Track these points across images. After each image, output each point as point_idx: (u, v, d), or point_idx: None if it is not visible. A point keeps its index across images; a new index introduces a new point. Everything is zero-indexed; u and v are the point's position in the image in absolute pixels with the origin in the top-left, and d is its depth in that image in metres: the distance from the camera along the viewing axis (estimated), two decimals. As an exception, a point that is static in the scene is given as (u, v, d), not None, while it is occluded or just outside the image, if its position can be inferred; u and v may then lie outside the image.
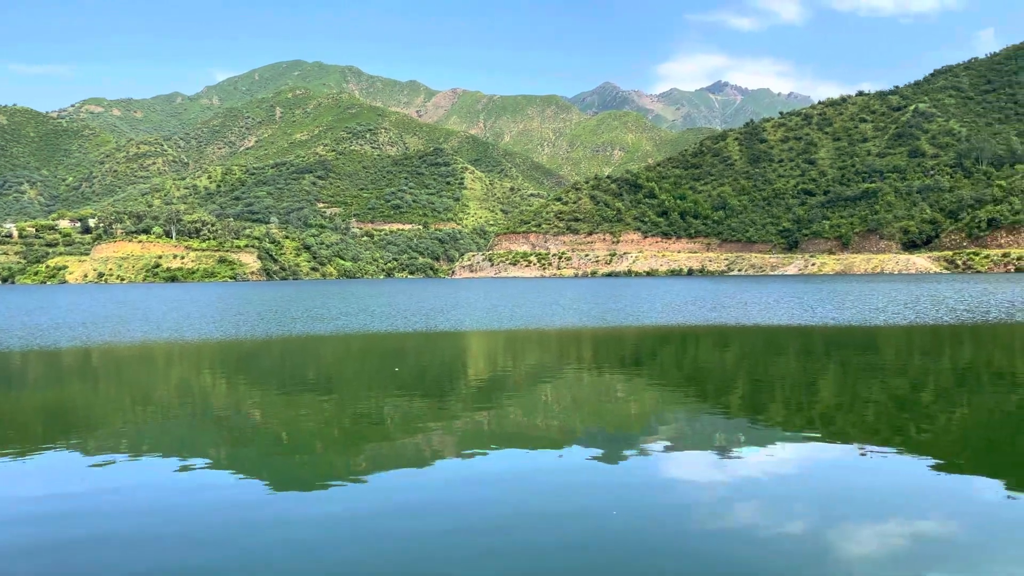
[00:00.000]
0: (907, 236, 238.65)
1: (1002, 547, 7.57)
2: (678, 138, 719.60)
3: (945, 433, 12.77)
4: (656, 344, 29.90)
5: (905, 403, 15.54)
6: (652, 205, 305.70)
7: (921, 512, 8.76)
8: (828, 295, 67.97)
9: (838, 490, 9.69)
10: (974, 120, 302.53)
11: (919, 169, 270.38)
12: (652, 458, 11.54)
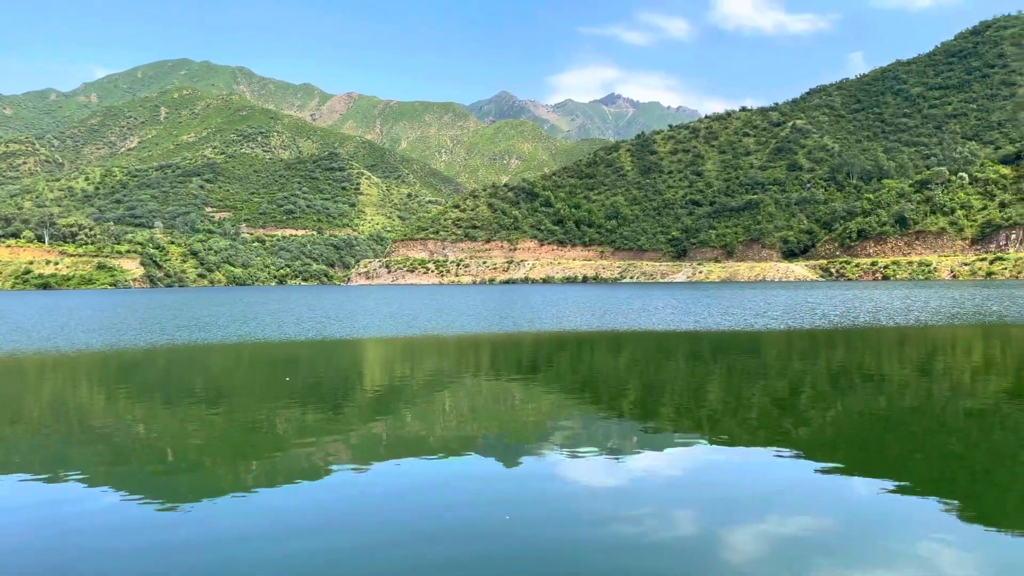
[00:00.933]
0: (787, 245, 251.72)
1: (874, 539, 8.06)
2: (573, 148, 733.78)
3: (821, 433, 13.50)
4: (553, 350, 30.32)
5: (785, 405, 16.35)
6: (548, 213, 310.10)
7: (801, 509, 9.23)
8: (714, 301, 70.84)
9: (725, 490, 10.10)
10: (846, 137, 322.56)
11: (797, 182, 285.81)
12: (547, 463, 11.68)
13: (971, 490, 9.89)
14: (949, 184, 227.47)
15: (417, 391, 19.06)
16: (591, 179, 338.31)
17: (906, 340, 31.68)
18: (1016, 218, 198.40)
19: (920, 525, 8.45)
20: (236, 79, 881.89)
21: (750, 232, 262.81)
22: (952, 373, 21.06)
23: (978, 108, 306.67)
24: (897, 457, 11.58)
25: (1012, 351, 27.12)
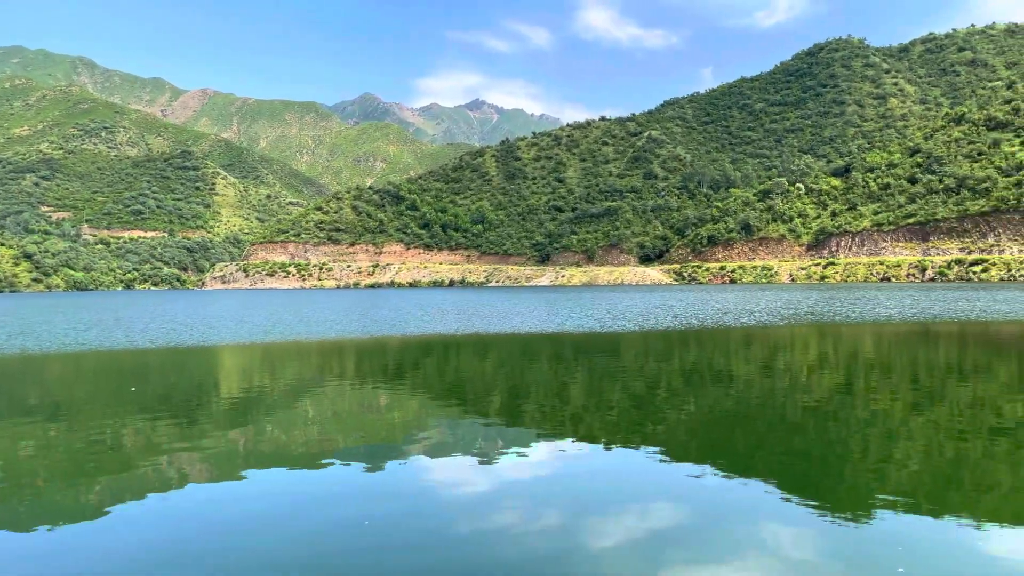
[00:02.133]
0: (643, 250, 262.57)
1: (723, 528, 8.54)
2: (439, 152, 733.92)
3: (676, 430, 14.16)
4: (419, 354, 30.16)
5: (643, 403, 17.04)
6: (414, 217, 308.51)
7: (658, 503, 9.64)
8: (576, 304, 72.87)
9: (587, 487, 10.40)
10: (697, 148, 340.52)
11: (652, 190, 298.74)
12: (412, 468, 11.61)
13: (809, 479, 10.67)
14: (788, 194, 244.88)
15: (277, 399, 18.42)
16: (457, 183, 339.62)
17: (751, 339, 33.79)
18: (845, 226, 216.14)
19: (764, 513, 9.03)
20: (77, 69, 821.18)
21: (609, 238, 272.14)
22: (791, 370, 22.66)
23: (813, 124, 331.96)
24: (744, 451, 12.33)
25: (842, 348, 29.53)
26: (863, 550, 7.77)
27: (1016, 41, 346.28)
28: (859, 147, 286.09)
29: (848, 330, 37.93)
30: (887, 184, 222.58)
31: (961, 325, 39.16)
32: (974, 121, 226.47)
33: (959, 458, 11.44)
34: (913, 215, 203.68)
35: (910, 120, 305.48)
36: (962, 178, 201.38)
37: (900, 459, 11.51)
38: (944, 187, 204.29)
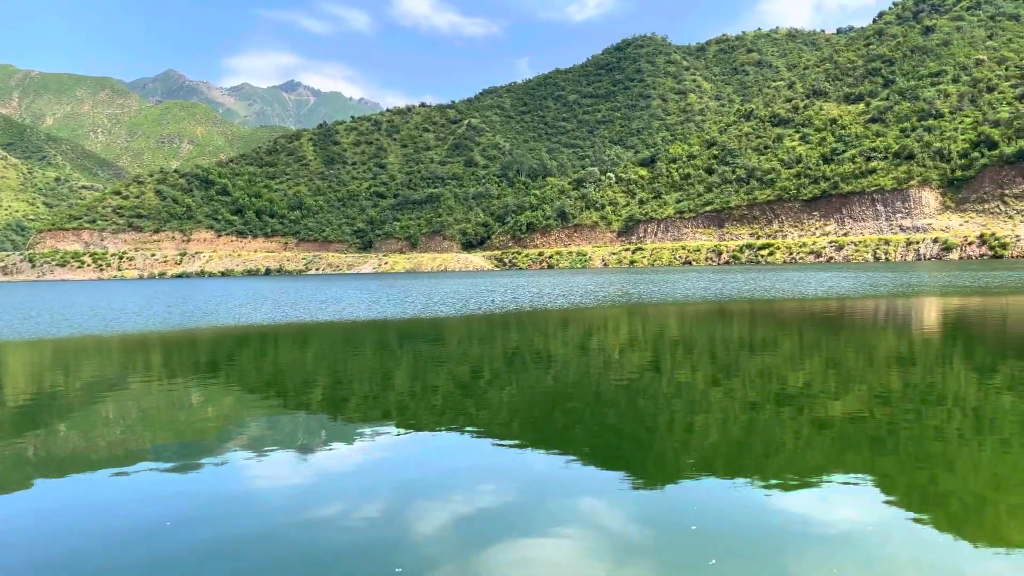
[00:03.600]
0: (465, 237, 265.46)
1: (546, 504, 8.89)
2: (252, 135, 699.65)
3: (499, 412, 14.52)
4: (234, 346, 28.75)
5: (467, 386, 17.31)
6: (226, 203, 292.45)
7: (483, 485, 9.85)
8: (400, 290, 72.50)
9: (413, 473, 10.43)
10: (515, 136, 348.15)
11: (473, 177, 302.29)
12: (226, 464, 11.09)
13: (621, 452, 11.34)
14: (600, 183, 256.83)
15: (73, 400, 16.88)
16: (272, 167, 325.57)
17: (567, 321, 35.25)
18: (652, 213, 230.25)
19: (581, 487, 9.50)
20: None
21: (432, 224, 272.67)
22: (604, 350, 23.90)
23: (622, 116, 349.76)
24: (563, 428, 12.88)
25: (650, 327, 31.53)
26: (665, 513, 8.40)
27: (796, 45, 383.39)
28: (663, 139, 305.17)
29: (654, 310, 40.53)
30: (688, 174, 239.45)
31: (751, 303, 43.02)
32: (761, 117, 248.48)
33: (751, 425, 12.61)
34: (710, 203, 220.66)
35: (707, 115, 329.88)
36: (751, 169, 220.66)
37: (701, 429, 12.51)
38: (736, 177, 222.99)
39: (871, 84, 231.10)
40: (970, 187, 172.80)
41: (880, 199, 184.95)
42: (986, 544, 7.09)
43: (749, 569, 6.81)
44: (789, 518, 8.23)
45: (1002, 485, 8.92)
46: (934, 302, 40.26)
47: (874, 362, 19.39)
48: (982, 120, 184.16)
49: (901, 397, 14.29)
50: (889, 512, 8.21)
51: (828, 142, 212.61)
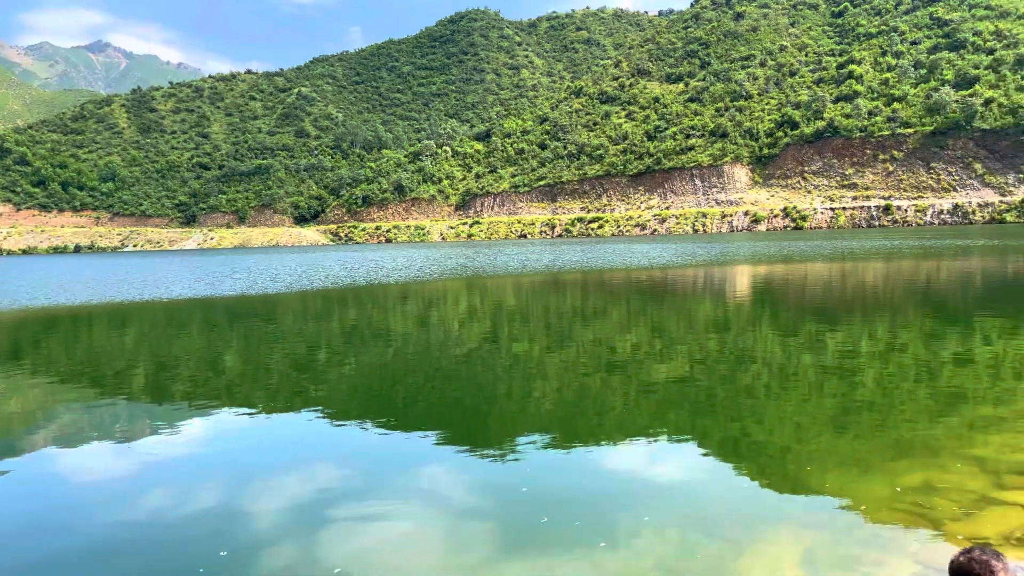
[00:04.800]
0: (298, 211, 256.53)
1: (387, 480, 8.89)
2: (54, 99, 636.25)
3: (337, 389, 14.28)
4: (39, 329, 26.28)
5: (303, 365, 16.86)
6: (25, 173, 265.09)
7: (322, 463, 9.67)
8: (228, 267, 69.01)
9: (247, 457, 10.06)
10: (348, 107, 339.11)
11: (305, 148, 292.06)
12: (38, 460, 10.20)
13: (463, 424, 11.52)
14: (437, 156, 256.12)
15: None
16: (80, 135, 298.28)
17: (407, 295, 35.11)
18: (488, 187, 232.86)
19: (424, 460, 9.57)
20: None
21: (262, 198, 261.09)
22: (444, 322, 24.06)
23: (457, 90, 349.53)
24: (404, 404, 12.88)
25: (488, 299, 32.06)
26: (501, 479, 8.65)
27: (621, 24, 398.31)
28: (498, 113, 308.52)
29: (492, 283, 41.20)
30: (522, 149, 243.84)
31: (583, 274, 44.76)
32: (590, 94, 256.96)
33: (583, 391, 13.19)
34: (544, 178, 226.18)
35: (539, 91, 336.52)
36: (582, 145, 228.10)
37: (537, 396, 12.94)
38: (568, 153, 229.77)
39: (689, 65, 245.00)
40: (775, 164, 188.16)
41: (698, 175, 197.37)
42: (789, 489, 7.88)
43: (578, 523, 7.17)
44: (618, 475, 8.73)
45: (803, 435, 9.92)
46: (745, 270, 43.67)
47: (694, 327, 20.81)
48: (785, 102, 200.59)
49: (717, 359, 15.46)
50: (707, 465, 8.92)
51: (652, 120, 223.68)
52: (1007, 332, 17.50)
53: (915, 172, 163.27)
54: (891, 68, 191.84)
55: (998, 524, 6.48)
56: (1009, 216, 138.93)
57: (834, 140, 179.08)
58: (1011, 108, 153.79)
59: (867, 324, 19.99)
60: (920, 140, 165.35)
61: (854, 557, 6.13)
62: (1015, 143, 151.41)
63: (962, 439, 9.03)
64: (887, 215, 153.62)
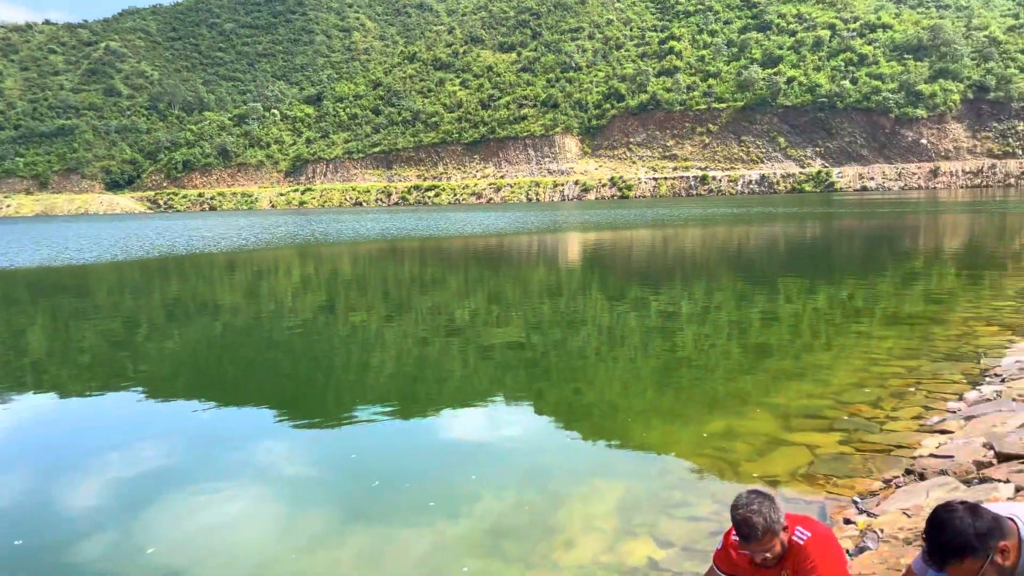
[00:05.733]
0: (110, 176, 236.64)
1: (217, 458, 8.52)
2: None
3: (160, 366, 13.44)
4: None
5: (122, 342, 15.71)
6: None
7: (145, 444, 9.11)
8: (29, 236, 62.62)
9: (58, 441, 9.30)
10: (165, 65, 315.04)
11: (116, 108, 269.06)
12: None
13: (299, 397, 11.23)
14: (264, 120, 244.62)
15: None
16: None
17: (234, 265, 33.49)
18: (320, 153, 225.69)
19: (258, 436, 9.24)
20: None
21: (67, 161, 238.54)
22: (276, 293, 23.22)
23: (284, 50, 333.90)
24: (234, 379, 12.36)
25: (323, 269, 31.23)
26: (335, 449, 8.54)
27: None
28: (329, 77, 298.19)
29: (327, 251, 40.16)
30: (355, 114, 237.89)
31: (421, 242, 44.62)
32: (424, 60, 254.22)
33: (422, 358, 13.24)
34: (378, 144, 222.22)
35: (372, 55, 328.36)
36: (417, 112, 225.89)
37: (376, 366, 12.84)
38: (403, 119, 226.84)
39: (521, 35, 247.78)
40: (603, 135, 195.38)
41: (531, 144, 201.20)
42: (613, 443, 8.34)
43: (408, 485, 7.26)
44: (452, 438, 8.88)
45: (629, 393, 10.51)
46: (576, 238, 45.27)
47: (529, 293, 21.38)
48: (612, 75, 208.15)
49: (551, 323, 15.99)
50: (540, 425, 9.25)
51: (486, 88, 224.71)
52: (805, 291, 19.33)
53: (728, 145, 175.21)
54: (707, 46, 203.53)
55: (785, 463, 7.17)
56: (807, 186, 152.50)
57: (657, 113, 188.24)
58: (809, 87, 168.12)
59: (686, 287, 21.39)
60: (732, 115, 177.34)
61: (662, 499, 6.62)
62: (813, 119, 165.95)
63: (763, 389, 9.92)
64: (704, 185, 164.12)
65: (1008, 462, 5.42)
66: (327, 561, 5.84)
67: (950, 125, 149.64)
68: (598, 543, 5.86)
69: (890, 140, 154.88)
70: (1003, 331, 12.35)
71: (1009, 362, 9.65)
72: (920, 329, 13.11)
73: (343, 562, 5.84)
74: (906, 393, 9.10)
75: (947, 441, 6.72)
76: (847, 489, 6.32)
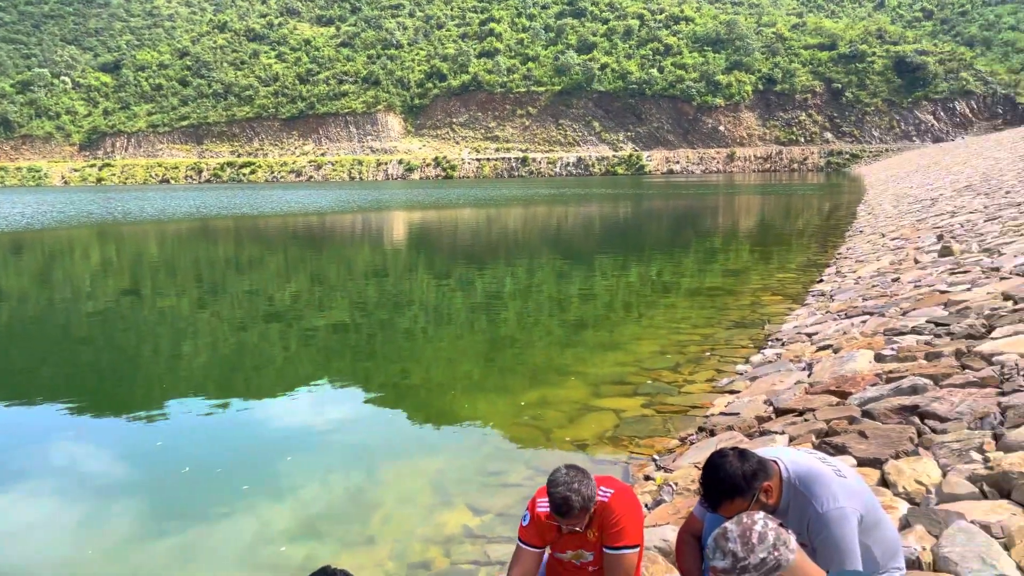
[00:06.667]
0: None
1: (5, 461, 7.81)
2: None
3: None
4: None
5: None
6: None
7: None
8: None
9: None
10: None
11: None
12: None
13: (103, 390, 10.48)
14: (53, 87, 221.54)
15: None
16: None
17: (20, 246, 30.31)
18: (120, 126, 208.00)
19: (53, 436, 8.54)
20: None
21: None
22: (73, 277, 21.34)
23: (76, 12, 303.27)
24: (25, 373, 11.30)
25: (126, 250, 28.96)
26: (140, 439, 8.09)
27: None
28: (128, 43, 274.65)
29: (130, 230, 37.30)
30: (160, 85, 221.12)
31: (236, 221, 42.49)
32: (236, 30, 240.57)
33: (241, 344, 12.75)
34: (187, 118, 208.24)
35: (177, 22, 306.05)
36: (229, 85, 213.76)
37: (189, 353, 12.20)
38: (214, 92, 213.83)
39: (340, 9, 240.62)
40: (426, 114, 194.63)
41: (353, 121, 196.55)
42: (440, 421, 8.50)
43: (223, 470, 7.11)
44: (273, 424, 8.67)
45: (455, 371, 10.72)
46: (401, 217, 45.02)
47: (353, 274, 21.10)
48: (434, 54, 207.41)
49: (377, 305, 15.91)
50: (366, 407, 9.25)
51: (303, 62, 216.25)
52: (619, 268, 20.50)
53: (547, 128, 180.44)
54: (525, 29, 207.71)
55: (594, 427, 7.66)
56: (620, 169, 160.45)
57: (478, 94, 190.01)
58: (621, 73, 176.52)
59: (510, 266, 21.99)
60: (550, 98, 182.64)
61: (478, 469, 6.89)
62: (624, 105, 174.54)
63: (578, 361, 10.49)
64: (525, 166, 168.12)
65: (784, 416, 6.15)
66: (137, 560, 5.56)
67: (743, 114, 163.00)
68: (415, 516, 6.02)
69: (693, 126, 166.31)
70: (785, 300, 13.81)
71: (788, 328, 10.82)
72: (717, 300, 14.36)
73: (156, 557, 5.58)
74: (702, 359, 9.99)
75: (734, 400, 7.48)
76: (648, 448, 6.84)
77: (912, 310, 8.84)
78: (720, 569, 2.28)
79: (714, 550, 2.33)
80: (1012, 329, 6.44)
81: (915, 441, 4.65)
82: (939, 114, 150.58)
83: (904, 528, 3.61)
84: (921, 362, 6.34)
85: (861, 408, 5.51)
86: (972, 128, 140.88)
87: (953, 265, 11.29)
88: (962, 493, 3.80)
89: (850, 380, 6.33)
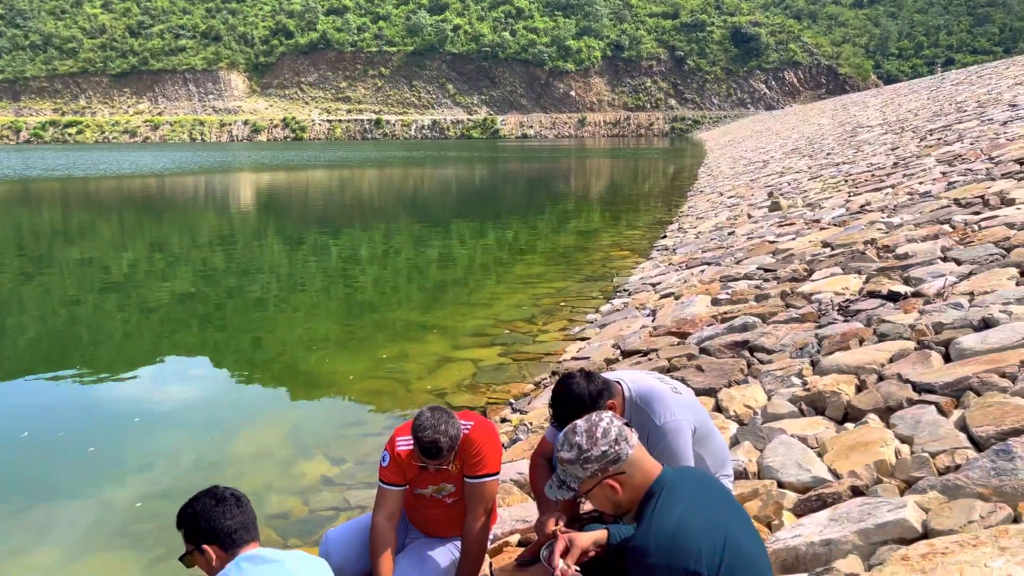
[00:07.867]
0: None
1: None
2: None
3: None
4: None
5: None
6: None
7: None
8: None
9: None
10: None
11: None
12: None
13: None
14: None
15: None
16: None
17: None
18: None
19: None
20: None
21: None
22: None
23: None
24: None
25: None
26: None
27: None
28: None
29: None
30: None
31: (63, 184, 39.18)
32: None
33: (74, 319, 11.89)
34: (2, 72, 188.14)
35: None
36: (49, 36, 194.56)
37: (13, 330, 11.24)
38: (31, 44, 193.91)
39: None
40: (272, 73, 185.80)
41: (192, 79, 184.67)
42: (295, 383, 8.35)
43: (62, 433, 6.84)
44: (119, 394, 8.17)
45: (312, 338, 10.45)
46: (248, 179, 43.07)
47: (197, 241, 20.07)
48: (279, 9, 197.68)
49: (225, 273, 15.25)
50: (221, 376, 8.93)
51: (134, 14, 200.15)
52: (476, 231, 20.69)
53: (400, 89, 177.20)
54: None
55: (453, 376, 7.84)
56: (475, 132, 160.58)
57: (328, 53, 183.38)
58: (474, 36, 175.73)
59: (366, 231, 21.66)
60: (403, 59, 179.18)
61: (335, 422, 6.96)
62: (478, 68, 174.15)
63: (438, 319, 10.59)
64: (378, 128, 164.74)
65: (630, 357, 6.55)
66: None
67: (593, 79, 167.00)
68: (271, 469, 5.98)
69: (545, 91, 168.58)
70: (633, 255, 14.51)
71: (635, 279, 11.43)
72: (570, 258, 14.87)
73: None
74: (556, 310, 10.40)
75: (585, 346, 7.91)
76: (505, 394, 7.10)
77: (745, 259, 9.57)
78: (565, 460, 2.40)
79: (562, 443, 2.46)
80: (828, 272, 7.16)
81: (745, 372, 5.12)
82: (771, 83, 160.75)
83: (734, 445, 4.02)
84: (751, 303, 6.92)
85: (699, 346, 5.97)
86: (799, 97, 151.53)
87: (781, 219, 12.25)
88: (783, 412, 4.23)
89: (689, 322, 6.82)
